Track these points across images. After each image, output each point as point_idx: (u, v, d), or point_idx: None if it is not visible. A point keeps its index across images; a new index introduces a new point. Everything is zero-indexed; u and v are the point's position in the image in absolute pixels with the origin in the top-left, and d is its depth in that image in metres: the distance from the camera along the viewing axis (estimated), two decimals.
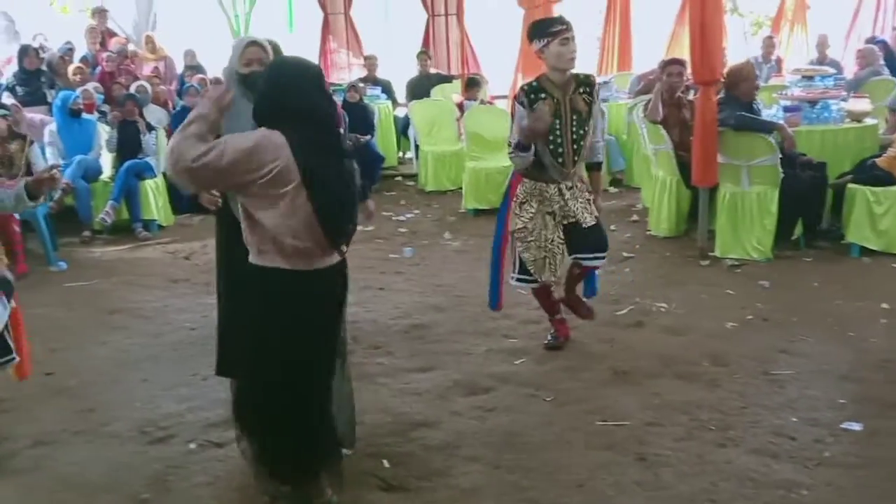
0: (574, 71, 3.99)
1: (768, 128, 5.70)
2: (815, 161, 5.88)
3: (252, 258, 2.63)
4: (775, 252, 5.75)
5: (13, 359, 3.36)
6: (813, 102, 6.56)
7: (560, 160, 3.98)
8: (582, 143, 4.01)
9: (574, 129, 3.97)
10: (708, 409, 3.56)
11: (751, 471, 3.05)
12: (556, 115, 3.92)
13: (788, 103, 6.55)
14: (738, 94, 5.84)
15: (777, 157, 5.65)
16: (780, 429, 3.37)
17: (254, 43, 3.38)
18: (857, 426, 3.36)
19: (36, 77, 8.67)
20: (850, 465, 3.07)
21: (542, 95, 3.92)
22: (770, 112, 6.31)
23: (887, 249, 5.66)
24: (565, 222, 4.09)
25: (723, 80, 5.92)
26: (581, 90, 3.99)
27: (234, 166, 2.46)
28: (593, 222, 4.11)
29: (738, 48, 12.55)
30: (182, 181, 2.53)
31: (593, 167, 4.25)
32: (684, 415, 3.53)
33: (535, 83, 3.99)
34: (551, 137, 3.94)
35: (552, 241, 4.09)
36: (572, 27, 3.92)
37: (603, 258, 4.23)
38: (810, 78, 7.10)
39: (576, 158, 4.03)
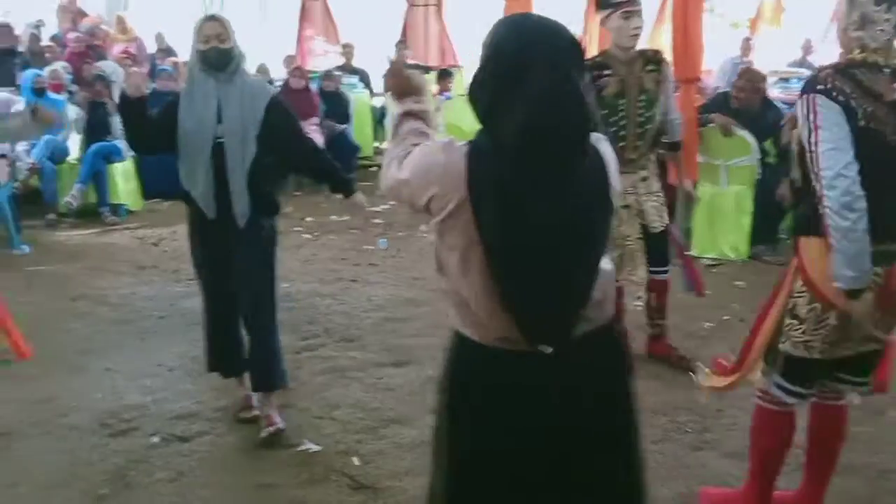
0: (640, 47, 3.67)
1: (702, 122, 5.64)
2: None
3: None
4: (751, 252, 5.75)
5: None
6: (790, 104, 6.57)
7: (621, 144, 3.49)
8: (648, 126, 3.62)
9: (641, 111, 3.59)
10: (685, 412, 3.52)
11: (727, 474, 3.01)
12: (620, 95, 3.56)
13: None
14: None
15: (755, 158, 5.64)
16: None
17: (212, 18, 3.25)
18: None
19: (9, 57, 8.45)
20: None
21: (607, 72, 3.54)
22: None
23: None
24: (640, 221, 3.73)
25: None
26: (649, 68, 3.62)
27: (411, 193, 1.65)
28: (661, 228, 3.81)
29: (715, 48, 12.59)
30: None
31: (673, 147, 3.99)
32: (662, 416, 3.48)
33: (598, 58, 3.62)
34: (613, 119, 3.54)
35: (628, 236, 3.71)
36: (639, 0, 3.56)
37: (666, 272, 3.97)
38: (786, 80, 7.13)
39: (638, 143, 3.63)
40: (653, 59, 3.69)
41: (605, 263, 1.66)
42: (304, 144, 3.45)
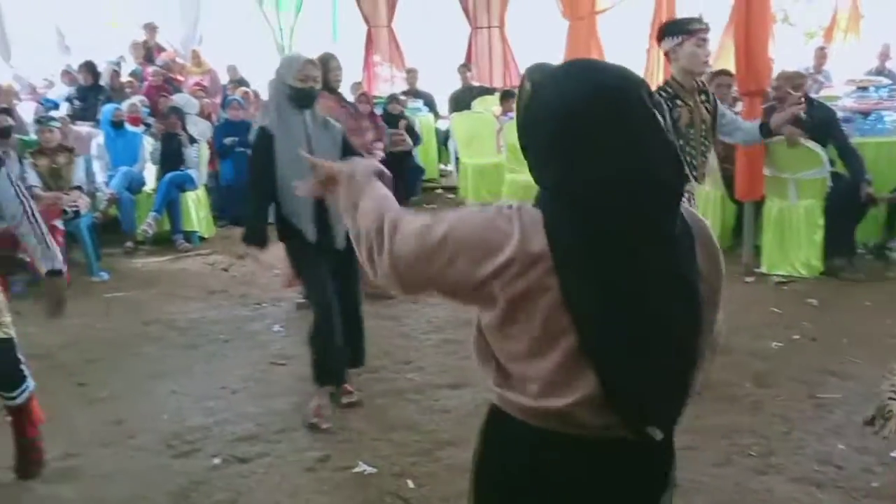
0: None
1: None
2: (874, 196, 5.52)
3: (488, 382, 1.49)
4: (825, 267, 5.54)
5: (27, 387, 3.15)
6: (866, 113, 6.34)
7: (693, 173, 3.65)
8: (708, 154, 3.75)
9: (702, 138, 3.69)
10: (749, 434, 3.41)
11: (793, 500, 2.90)
12: (691, 125, 3.60)
13: (841, 114, 6.33)
14: None
15: (826, 170, 5.45)
16: (825, 456, 3.20)
17: (312, 61, 3.63)
18: None
19: (94, 93, 8.92)
20: None
21: (679, 102, 3.58)
22: None
23: None
24: None
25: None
26: (703, 98, 3.70)
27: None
28: None
29: (789, 58, 12.26)
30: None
31: (763, 129, 4.06)
32: (724, 439, 3.37)
33: (669, 89, 3.61)
34: (687, 149, 3.59)
35: None
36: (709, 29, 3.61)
37: None
38: (864, 88, 6.88)
39: (703, 171, 3.75)
40: (703, 90, 3.75)
41: None
42: None
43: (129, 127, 7.80)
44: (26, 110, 8.72)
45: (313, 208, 3.51)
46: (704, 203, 6.28)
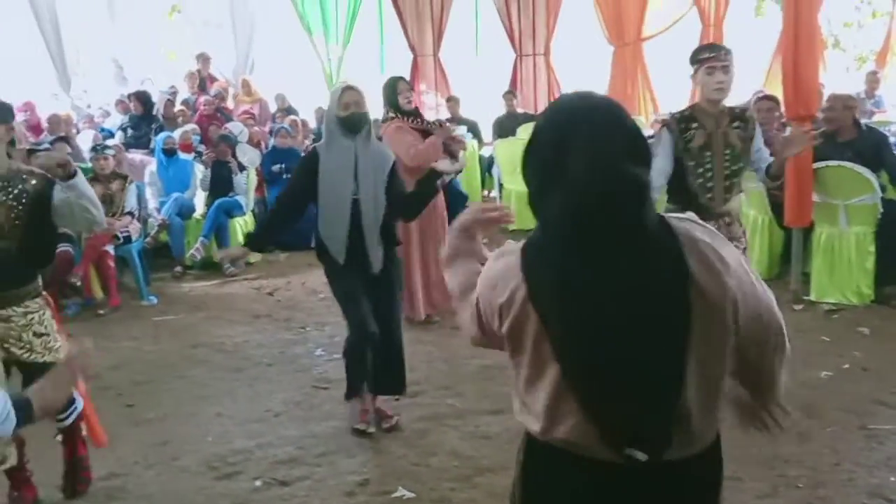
0: (730, 104, 3.80)
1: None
2: None
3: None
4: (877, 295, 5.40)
5: (75, 409, 3.25)
6: None
7: (709, 195, 3.73)
8: (735, 179, 3.78)
9: (727, 163, 3.73)
10: (797, 465, 3.32)
11: None
12: (707, 148, 3.71)
13: (893, 139, 6.22)
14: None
15: (877, 197, 5.33)
16: (876, 489, 3.11)
17: (350, 87, 3.73)
18: None
19: (146, 122, 9.20)
20: None
21: (694, 125, 3.70)
22: None
23: None
24: None
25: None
26: (735, 125, 3.75)
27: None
28: None
29: (839, 84, 12.07)
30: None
31: (773, 173, 3.91)
32: (770, 470, 3.29)
33: (687, 111, 3.78)
34: (700, 171, 3.70)
35: None
36: (726, 56, 3.65)
37: None
38: None
39: (727, 196, 3.78)
40: (739, 116, 3.81)
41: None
42: (405, 200, 3.87)
43: (181, 154, 8.00)
44: (85, 139, 9.02)
45: (347, 233, 3.62)
46: (752, 229, 6.18)
